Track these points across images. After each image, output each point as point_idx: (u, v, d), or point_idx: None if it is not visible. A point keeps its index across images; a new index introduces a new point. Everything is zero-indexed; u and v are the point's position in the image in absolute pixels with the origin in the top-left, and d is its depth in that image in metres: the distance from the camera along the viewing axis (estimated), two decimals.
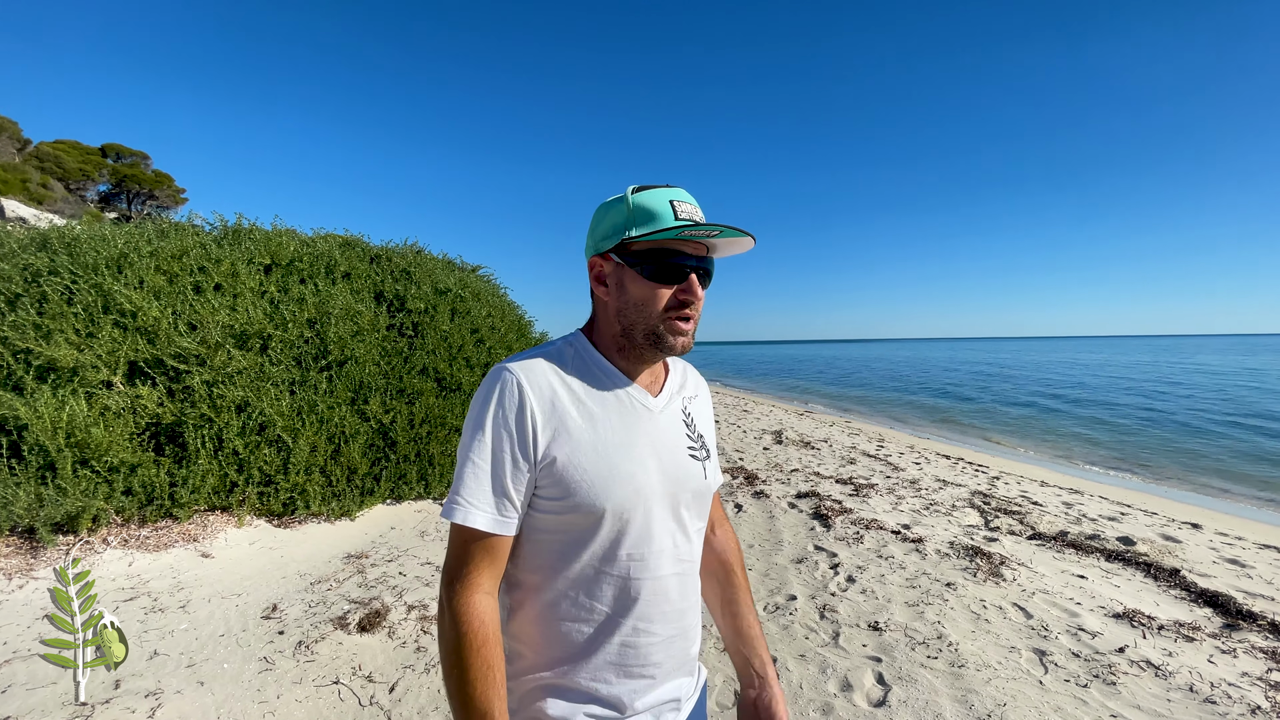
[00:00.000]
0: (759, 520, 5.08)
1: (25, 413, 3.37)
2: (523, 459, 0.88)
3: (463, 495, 0.87)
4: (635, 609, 0.93)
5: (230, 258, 5.03)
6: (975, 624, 3.23)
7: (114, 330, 4.07)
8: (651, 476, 0.95)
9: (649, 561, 0.94)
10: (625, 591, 0.93)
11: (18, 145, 20.86)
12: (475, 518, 0.86)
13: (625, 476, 0.91)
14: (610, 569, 0.92)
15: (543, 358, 0.96)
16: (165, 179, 26.76)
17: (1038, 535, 4.88)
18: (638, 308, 0.95)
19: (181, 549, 3.49)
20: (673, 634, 0.98)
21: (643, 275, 0.94)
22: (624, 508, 0.91)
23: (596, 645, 0.93)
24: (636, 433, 0.96)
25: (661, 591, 0.96)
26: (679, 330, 0.96)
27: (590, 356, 1.00)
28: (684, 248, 0.95)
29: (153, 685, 2.39)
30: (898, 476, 6.98)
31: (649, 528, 0.94)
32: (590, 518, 0.90)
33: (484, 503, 0.87)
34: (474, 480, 0.87)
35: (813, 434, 10.23)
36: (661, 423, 1.00)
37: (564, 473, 0.89)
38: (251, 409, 4.08)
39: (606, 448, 0.92)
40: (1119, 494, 7.38)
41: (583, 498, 0.89)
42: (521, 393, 0.89)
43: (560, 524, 0.92)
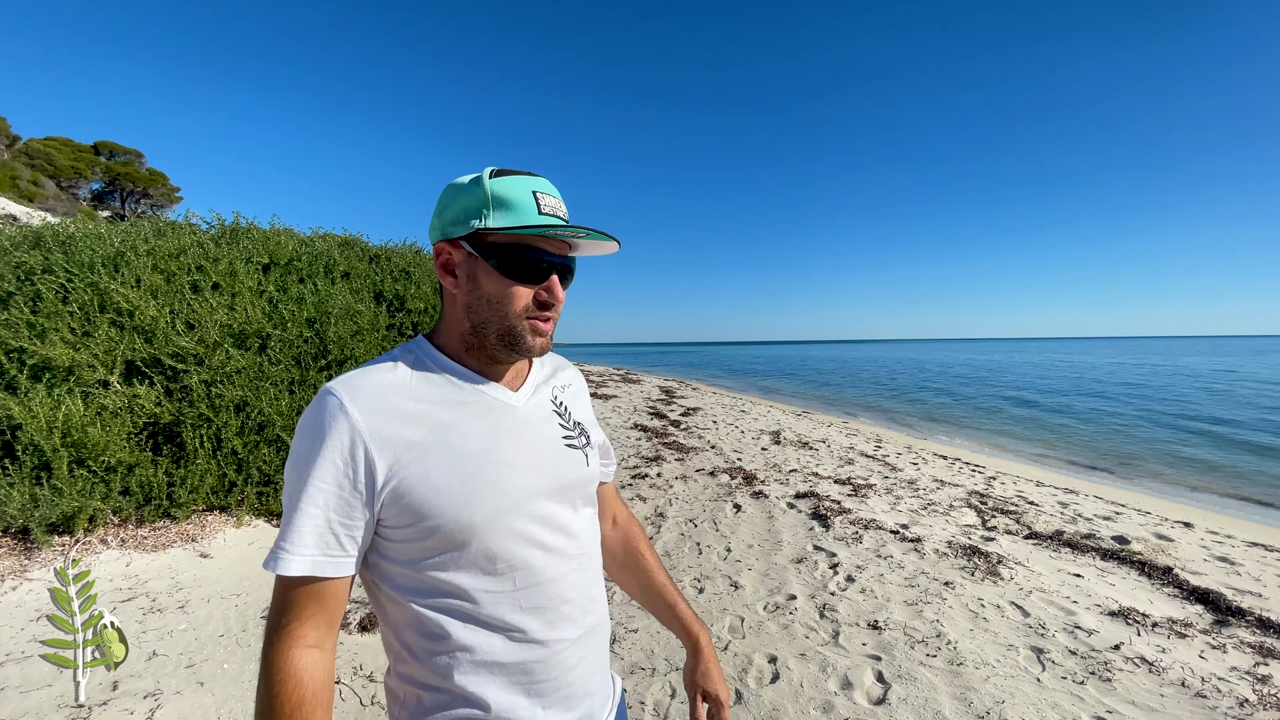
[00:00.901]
0: (758, 520, 5.09)
1: (19, 412, 3.35)
2: (354, 493, 0.78)
3: (285, 540, 0.76)
4: (534, 620, 0.86)
5: (228, 257, 5.01)
6: (974, 622, 3.25)
7: (111, 329, 4.04)
8: (526, 476, 0.88)
9: (542, 566, 0.88)
10: (517, 604, 0.85)
11: (6, 142, 20.70)
12: (293, 563, 0.75)
13: (493, 482, 0.84)
14: (493, 585, 0.84)
15: (375, 371, 0.86)
16: (160, 177, 26.61)
17: (1034, 535, 4.91)
18: (491, 305, 0.87)
19: (180, 549, 3.47)
20: (582, 633, 0.92)
21: (498, 270, 0.86)
22: (497, 515, 0.83)
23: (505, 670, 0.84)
24: (500, 434, 0.88)
25: (561, 592, 0.89)
26: (539, 331, 0.90)
27: (435, 360, 0.91)
28: (546, 245, 0.87)
29: (151, 686, 2.38)
30: (895, 477, 7.00)
31: (533, 531, 0.87)
32: (461, 535, 0.81)
33: (305, 546, 0.76)
34: (294, 523, 0.76)
35: (810, 434, 10.25)
36: (528, 418, 0.94)
37: (417, 495, 0.80)
38: (251, 408, 4.06)
39: (465, 457, 0.83)
40: (1113, 494, 7.43)
41: (446, 517, 0.80)
42: (348, 416, 0.78)
43: (426, 550, 0.82)
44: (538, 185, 0.87)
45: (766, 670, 2.81)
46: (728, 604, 3.49)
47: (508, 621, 0.84)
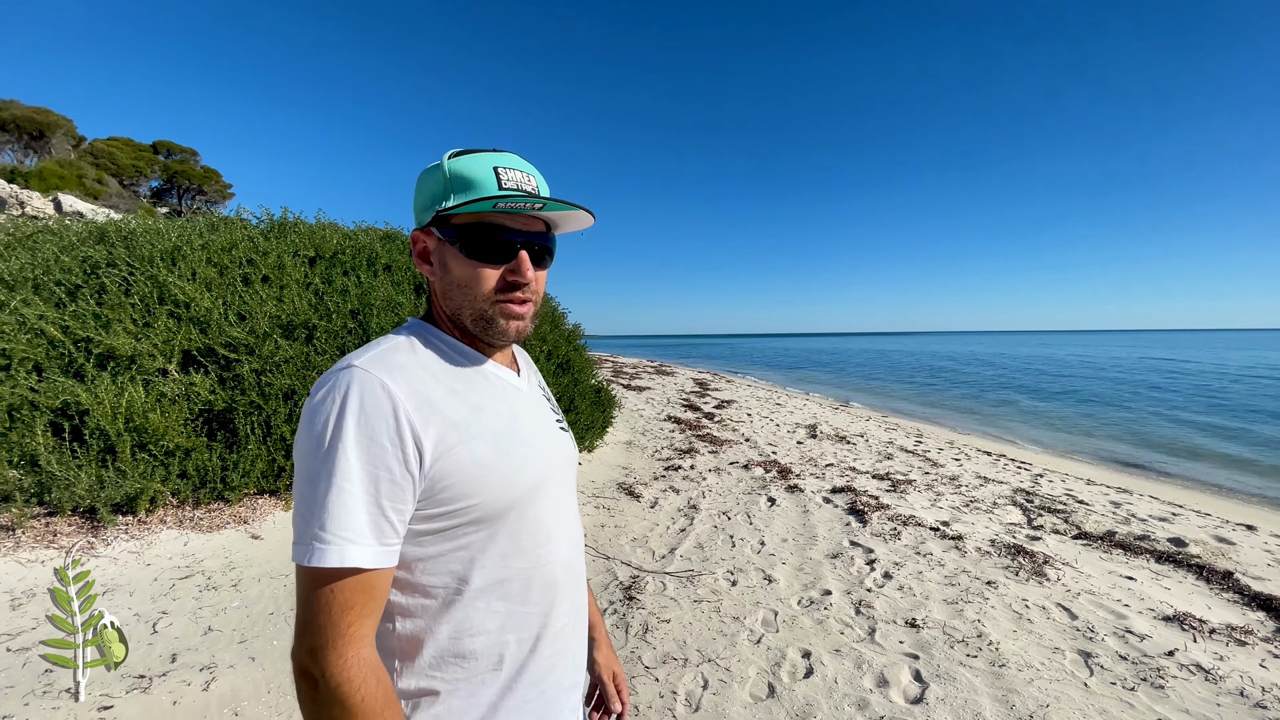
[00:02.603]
0: (793, 515, 5.04)
1: (86, 398, 3.54)
2: (405, 473, 0.73)
3: (331, 530, 0.68)
4: (549, 595, 0.87)
5: (277, 250, 5.18)
6: (1017, 624, 3.16)
7: (169, 320, 4.23)
8: (543, 455, 0.88)
9: (558, 542, 0.89)
10: (538, 580, 0.85)
11: (73, 142, 21.77)
12: (353, 554, 0.69)
13: (523, 461, 0.84)
14: (521, 561, 0.83)
15: (395, 351, 0.81)
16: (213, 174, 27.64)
17: (1083, 535, 4.74)
18: (461, 289, 0.84)
19: (233, 530, 3.62)
20: (576, 606, 0.93)
21: (463, 253, 0.83)
22: (526, 496, 0.83)
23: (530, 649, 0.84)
24: (517, 415, 0.88)
25: (567, 568, 0.91)
26: (512, 314, 0.85)
27: (445, 342, 0.88)
28: (510, 222, 0.83)
29: (207, 659, 2.50)
30: (936, 473, 6.84)
31: (552, 508, 0.89)
32: (496, 514, 0.80)
33: (361, 534, 0.70)
34: (341, 508, 0.69)
35: (848, 428, 10.08)
36: (532, 400, 0.95)
37: (464, 474, 0.77)
38: (298, 397, 4.21)
39: (500, 436, 0.82)
40: (1170, 493, 7.11)
41: (488, 496, 0.79)
42: (389, 394, 0.73)
43: (460, 529, 0.79)
44: (500, 160, 0.83)
45: (800, 665, 2.79)
46: (761, 597, 3.48)
47: (530, 595, 0.84)
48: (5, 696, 2.18)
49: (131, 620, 2.74)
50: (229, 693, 2.35)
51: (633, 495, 5.49)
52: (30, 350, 3.81)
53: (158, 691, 2.28)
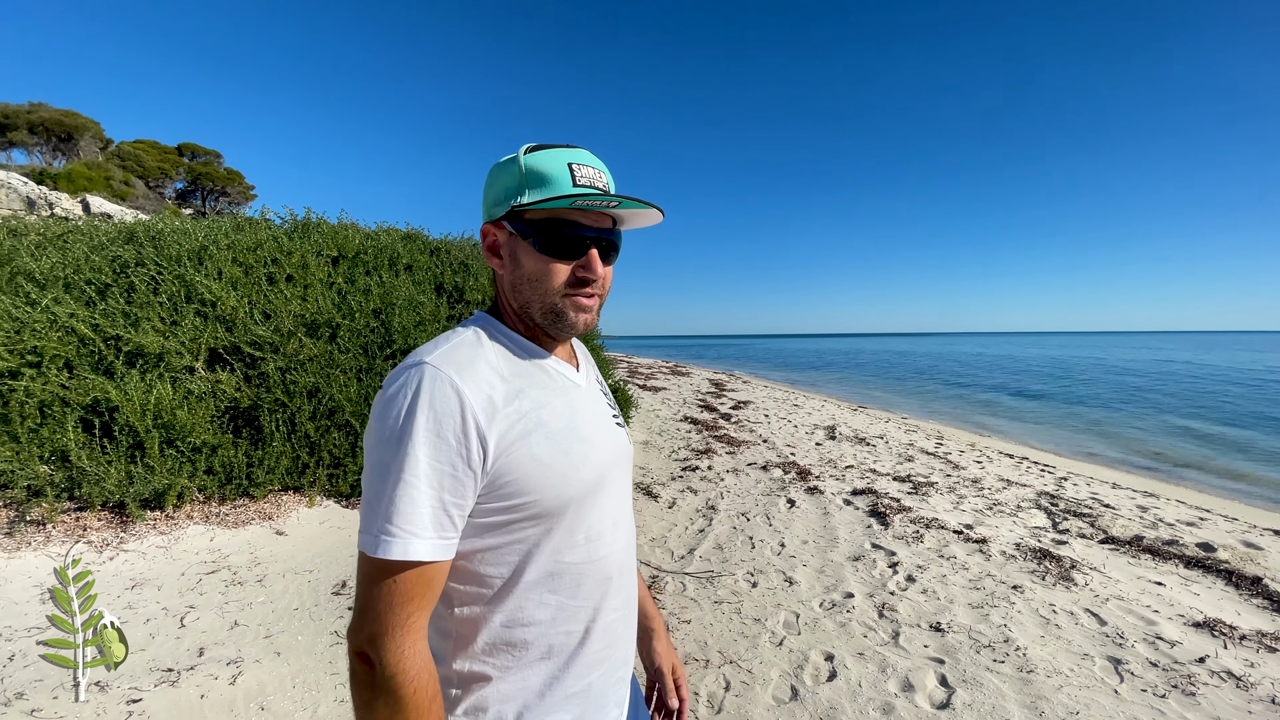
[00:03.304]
0: (813, 517, 5.00)
1: (116, 395, 3.61)
2: (467, 469, 0.75)
3: (397, 522, 0.71)
4: (600, 589, 0.88)
5: (300, 250, 5.25)
6: (1044, 629, 3.11)
7: (196, 319, 4.30)
8: (600, 451, 0.89)
9: (610, 539, 0.90)
10: (590, 575, 0.87)
11: (100, 145, 22.21)
12: (416, 547, 0.71)
13: (581, 458, 0.85)
14: (573, 556, 0.85)
15: (462, 347, 0.83)
16: (236, 176, 28.06)
17: (1110, 539, 4.65)
18: (532, 283, 0.86)
19: (258, 526, 3.67)
20: (627, 601, 0.95)
21: (535, 248, 0.85)
22: (583, 492, 0.85)
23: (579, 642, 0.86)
24: (576, 411, 0.89)
25: (620, 565, 0.92)
26: (582, 307, 0.87)
27: (509, 337, 0.90)
28: (582, 218, 0.85)
29: (234, 654, 2.53)
30: (959, 475, 6.75)
31: (607, 506, 0.90)
32: (553, 511, 0.82)
33: (424, 528, 0.72)
34: (408, 502, 0.71)
35: (867, 430, 9.99)
36: (590, 395, 0.96)
37: (523, 471, 0.79)
38: (322, 394, 4.26)
39: (559, 434, 0.84)
40: (1197, 498, 6.97)
41: (545, 494, 0.80)
42: (457, 391, 0.75)
43: (516, 522, 0.81)
44: (574, 157, 0.85)
45: (823, 668, 2.76)
46: (782, 599, 3.45)
47: (581, 590, 0.86)
48: (35, 690, 2.21)
49: (160, 614, 2.78)
50: (255, 687, 2.37)
51: (650, 495, 5.48)
52: (61, 348, 3.89)
53: (185, 685, 2.31)
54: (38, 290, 4.16)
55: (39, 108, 20.06)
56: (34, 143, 19.46)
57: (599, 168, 0.87)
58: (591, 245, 0.86)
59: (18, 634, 2.55)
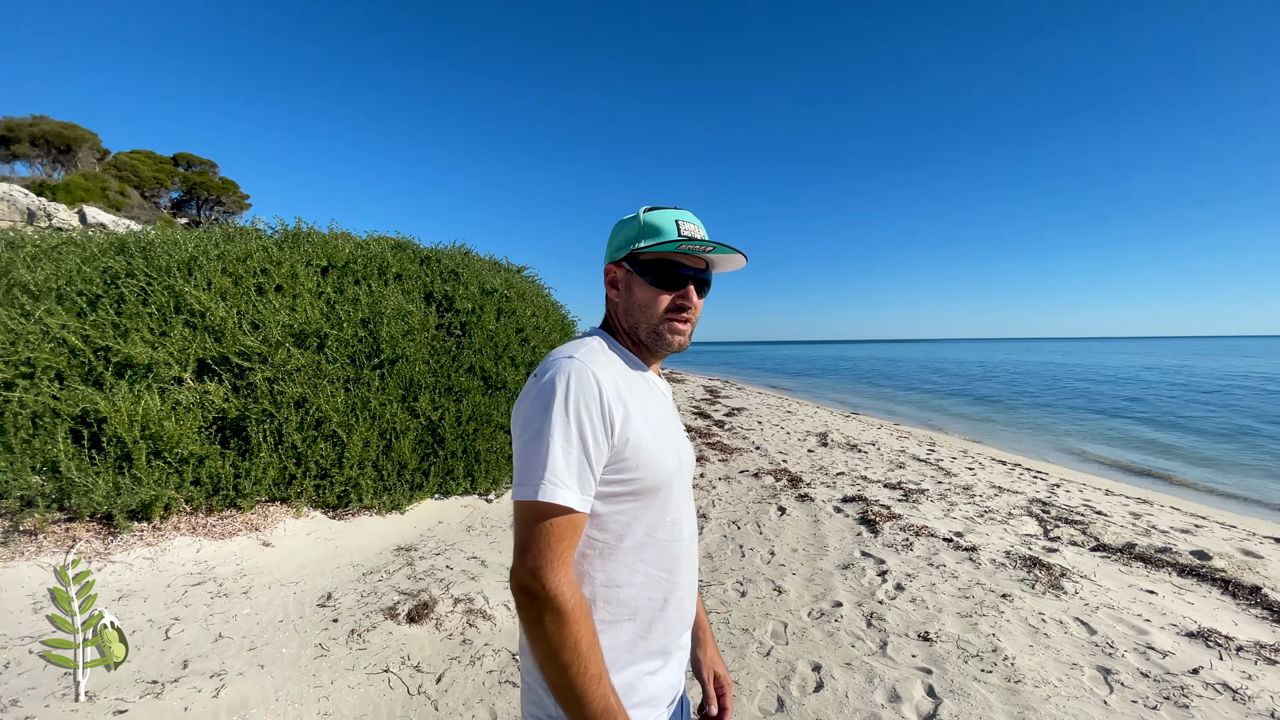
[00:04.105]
0: (803, 524, 5.00)
1: (105, 406, 3.59)
2: (605, 440, 0.95)
3: (550, 475, 0.90)
4: (679, 566, 1.07)
5: (290, 260, 5.25)
6: (1033, 638, 3.10)
7: (185, 329, 4.29)
8: (680, 450, 1.10)
9: (687, 524, 1.10)
10: (671, 552, 1.05)
11: (98, 156, 22.23)
12: (566, 495, 0.91)
13: (671, 452, 1.05)
14: (663, 533, 1.04)
15: (595, 351, 1.04)
16: (231, 185, 28.09)
17: (1102, 547, 4.65)
18: (642, 309, 1.09)
19: (244, 537, 3.65)
20: (693, 582, 1.13)
21: (647, 281, 1.08)
22: (672, 479, 1.04)
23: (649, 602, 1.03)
24: (665, 415, 1.10)
25: (691, 549, 1.11)
26: (677, 330, 1.10)
27: (620, 351, 1.11)
28: (684, 260, 1.08)
29: (218, 666, 2.51)
30: (950, 482, 6.75)
31: (680, 495, 1.08)
32: (654, 487, 1.01)
33: (572, 481, 0.92)
34: (564, 460, 0.91)
35: (859, 436, 10.00)
36: (672, 408, 1.18)
37: (634, 452, 0.98)
38: (309, 405, 4.25)
39: (658, 428, 1.03)
40: (1192, 505, 6.96)
41: (650, 471, 0.99)
42: (597, 380, 0.96)
43: (628, 493, 1.00)
44: (680, 215, 1.10)
45: (810, 678, 2.75)
46: (770, 609, 3.44)
47: (664, 563, 1.04)
48: (28, 698, 2.20)
49: (145, 626, 2.77)
50: (238, 700, 2.35)
51: None
52: (53, 359, 3.87)
53: (169, 697, 2.29)
54: (32, 302, 4.15)
55: (40, 120, 20.11)
56: (35, 155, 19.51)
57: (698, 224, 1.11)
58: (690, 281, 1.09)
59: (11, 642, 2.54)
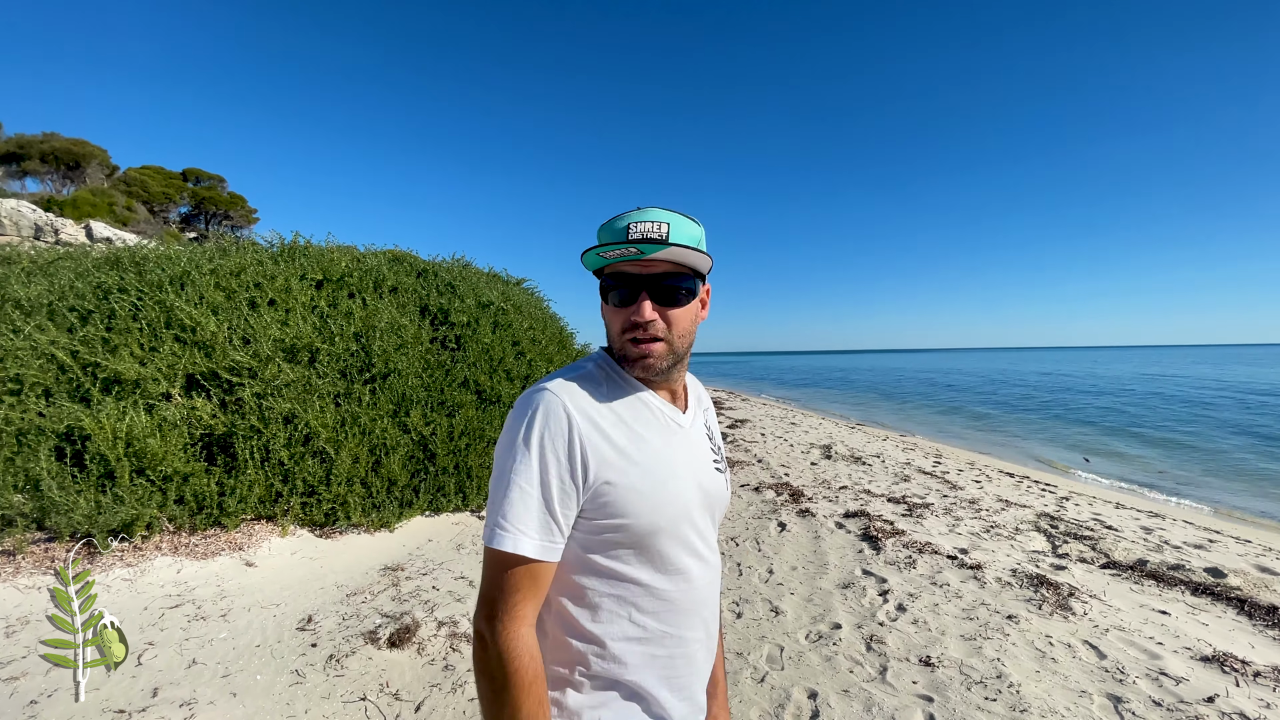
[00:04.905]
0: (803, 541, 4.88)
1: (89, 423, 3.54)
2: (571, 483, 0.86)
3: (510, 521, 0.83)
4: (683, 619, 0.95)
5: (284, 274, 5.21)
6: (1040, 663, 2.97)
7: (174, 344, 4.25)
8: (692, 492, 0.96)
9: (695, 573, 0.96)
10: (675, 604, 0.94)
11: (106, 171, 22.50)
12: (524, 544, 0.83)
13: (673, 495, 0.92)
14: (661, 584, 0.93)
15: (579, 380, 0.94)
16: (239, 200, 28.34)
17: (1112, 564, 4.50)
18: (607, 330, 0.99)
19: (227, 557, 3.58)
20: (709, 635, 1.02)
21: (605, 299, 0.97)
22: (672, 525, 0.92)
23: (648, 661, 0.93)
24: (674, 449, 0.96)
25: (703, 600, 0.99)
26: (633, 354, 0.94)
27: (620, 375, 0.99)
28: (629, 268, 0.92)
29: (188, 694, 2.43)
30: (956, 496, 6.61)
31: (692, 541, 0.96)
32: (642, 537, 0.90)
33: (532, 528, 0.84)
34: (522, 505, 0.84)
35: (864, 448, 9.85)
36: (691, 438, 1.02)
37: (614, 496, 0.88)
38: (298, 421, 4.18)
39: (653, 467, 0.92)
40: (1206, 519, 6.79)
41: (635, 519, 0.88)
42: (568, 415, 0.87)
43: (612, 542, 0.90)
44: (635, 216, 0.92)
45: (805, 707, 2.64)
46: (767, 631, 3.33)
47: (666, 617, 0.94)
48: None
49: None
50: None
51: None
52: (40, 375, 3.84)
53: None
54: (23, 317, 4.13)
55: (51, 137, 20.39)
56: (45, 171, 19.76)
57: (660, 220, 0.91)
58: (643, 290, 0.92)
59: None
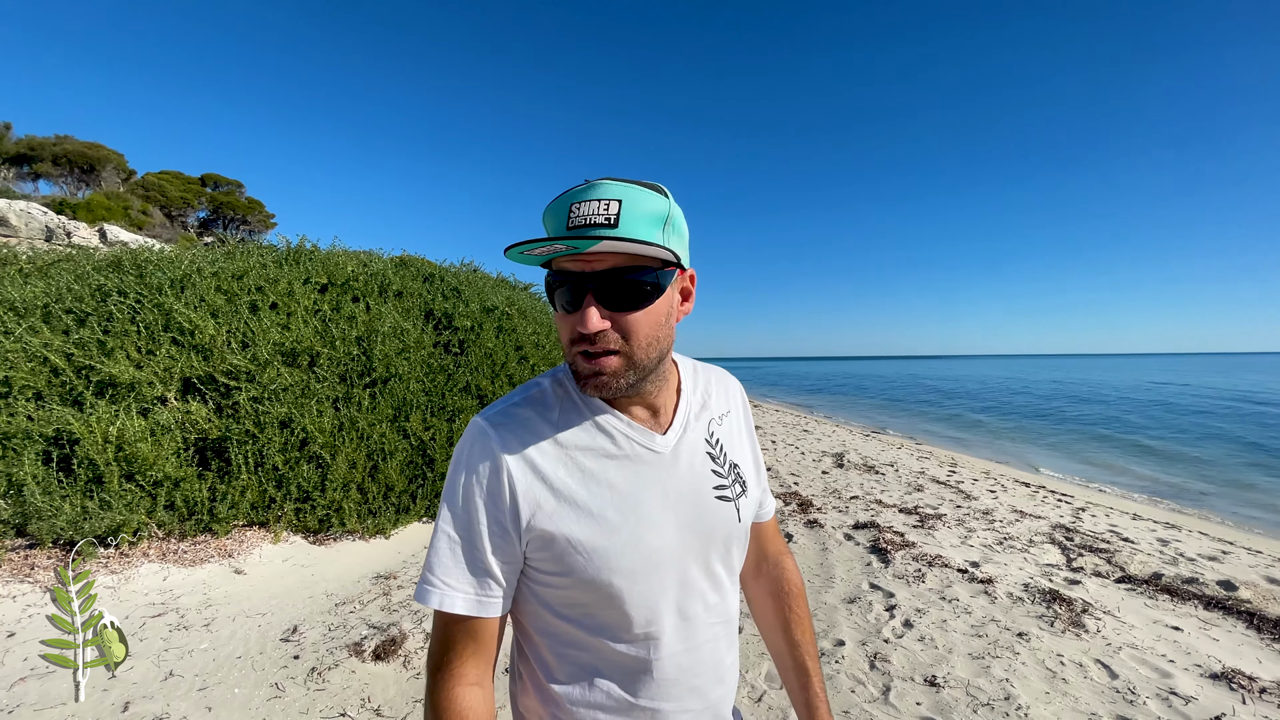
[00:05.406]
0: (810, 552, 4.75)
1: (79, 427, 3.51)
2: (503, 533, 0.75)
3: (437, 575, 0.74)
4: (665, 690, 0.80)
5: (287, 277, 5.19)
6: (1050, 683, 2.84)
7: (172, 347, 4.22)
8: (667, 536, 0.78)
9: (678, 635, 0.80)
10: (651, 674, 0.79)
11: (123, 176, 22.82)
12: (452, 600, 0.74)
13: (632, 543, 0.76)
14: (630, 650, 0.78)
15: (526, 405, 0.80)
16: (257, 205, 28.67)
17: (1128, 577, 4.33)
18: (560, 339, 0.83)
19: (216, 564, 3.52)
20: (709, 704, 0.85)
21: (552, 302, 0.78)
22: (636, 582, 0.76)
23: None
24: (643, 485, 0.78)
25: (694, 665, 0.82)
26: (583, 370, 0.74)
27: (579, 395, 0.81)
28: (570, 264, 0.72)
29: (161, 709, 2.36)
30: (969, 506, 6.44)
31: (672, 598, 0.80)
32: (596, 596, 0.76)
33: (461, 582, 0.74)
34: (450, 557, 0.74)
35: (878, 457, 9.68)
36: (676, 467, 0.82)
37: (556, 546, 0.75)
38: (294, 425, 4.13)
39: (607, 513, 0.76)
40: (1220, 530, 6.57)
41: (583, 576, 0.75)
42: (494, 455, 0.75)
43: (564, 599, 0.78)
44: (576, 196, 0.71)
45: None
46: (765, 648, 3.21)
47: (640, 689, 0.80)
48: None
49: None
50: None
51: None
52: (31, 378, 3.81)
53: None
54: (16, 319, 4.11)
55: (64, 140, 20.70)
56: (58, 174, 20.05)
57: (608, 198, 0.70)
58: (587, 293, 0.71)
59: None
